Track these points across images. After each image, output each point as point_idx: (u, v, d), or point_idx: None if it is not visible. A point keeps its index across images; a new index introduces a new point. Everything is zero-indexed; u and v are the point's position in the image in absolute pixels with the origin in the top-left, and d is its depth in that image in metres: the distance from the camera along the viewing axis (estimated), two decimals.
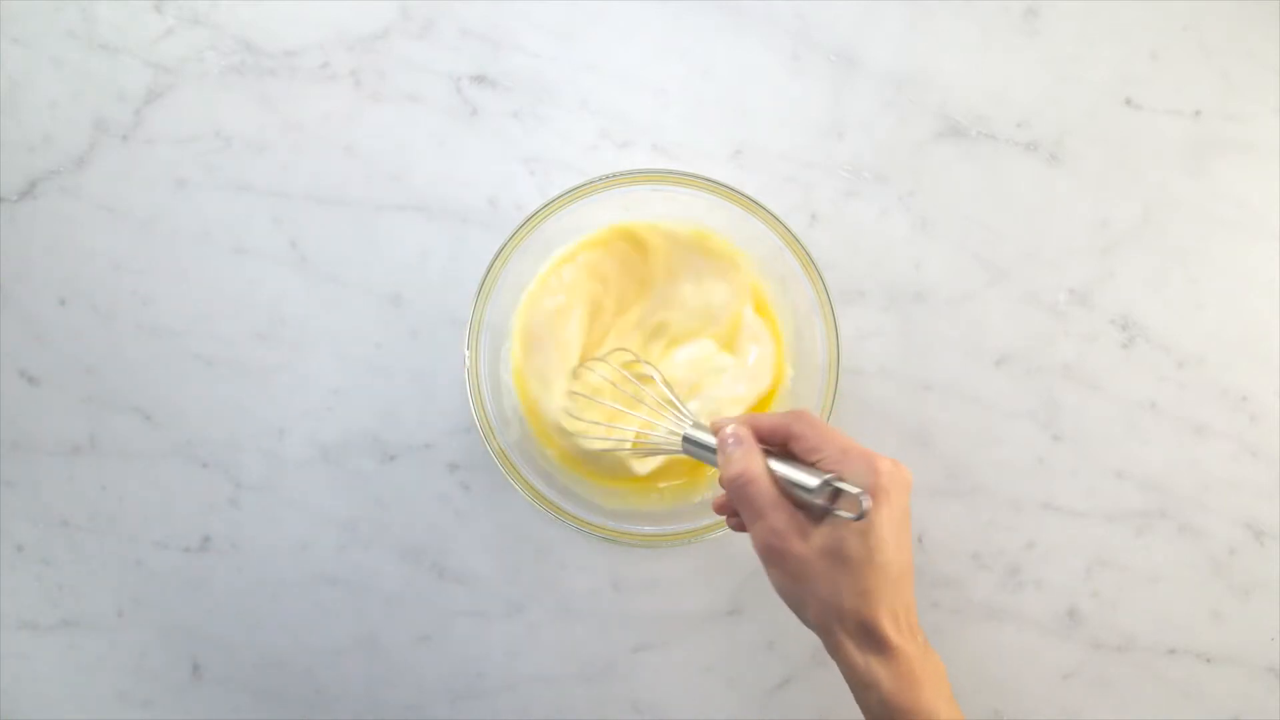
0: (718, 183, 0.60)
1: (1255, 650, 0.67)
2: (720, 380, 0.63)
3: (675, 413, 0.56)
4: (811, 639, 0.66)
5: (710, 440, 0.52)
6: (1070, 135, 0.67)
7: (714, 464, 0.52)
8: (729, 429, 0.51)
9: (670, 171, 0.61)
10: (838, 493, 0.47)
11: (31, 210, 0.66)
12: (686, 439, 0.54)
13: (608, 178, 0.60)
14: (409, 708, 0.67)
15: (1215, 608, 0.67)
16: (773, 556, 0.48)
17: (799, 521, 0.48)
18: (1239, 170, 0.67)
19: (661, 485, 0.64)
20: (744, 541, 0.66)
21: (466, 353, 0.60)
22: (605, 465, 0.62)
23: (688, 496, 0.64)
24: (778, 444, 0.51)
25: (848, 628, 0.47)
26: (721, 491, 0.53)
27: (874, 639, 0.47)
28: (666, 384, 0.58)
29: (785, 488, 0.48)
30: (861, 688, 0.48)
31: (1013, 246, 0.67)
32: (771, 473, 0.49)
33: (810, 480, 0.47)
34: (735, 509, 0.51)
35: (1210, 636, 0.67)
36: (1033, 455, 0.67)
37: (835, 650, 0.48)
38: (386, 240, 0.67)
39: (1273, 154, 0.67)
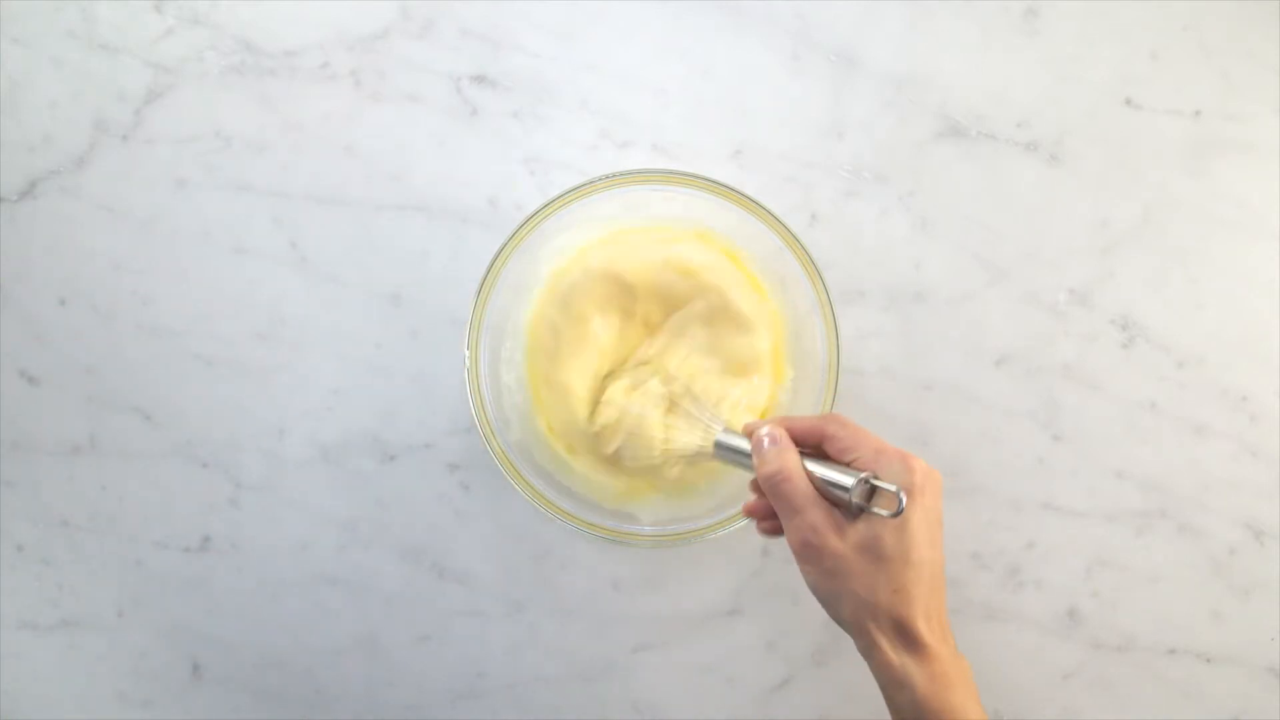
0: (718, 183, 0.60)
1: (1255, 650, 0.67)
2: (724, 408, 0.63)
3: (706, 418, 0.56)
4: (812, 639, 0.67)
5: (743, 444, 0.53)
6: (1070, 135, 0.67)
7: (747, 468, 0.53)
8: (764, 429, 0.52)
9: (670, 171, 0.61)
10: (873, 492, 0.48)
11: (31, 210, 0.66)
12: (719, 444, 0.54)
13: (608, 178, 0.60)
14: (409, 708, 0.67)
15: (1215, 608, 0.67)
16: (809, 553, 0.49)
17: (835, 518, 0.49)
18: (1239, 170, 0.67)
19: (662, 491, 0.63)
20: (744, 542, 0.67)
21: (466, 353, 0.60)
22: (612, 470, 0.62)
23: (689, 495, 0.64)
24: (811, 445, 0.52)
25: (883, 626, 0.48)
26: (751, 497, 0.54)
27: (909, 638, 0.48)
28: (691, 392, 0.58)
29: (820, 487, 0.49)
30: (895, 687, 0.48)
31: (1013, 246, 0.67)
32: (807, 471, 0.50)
33: (846, 479, 0.48)
34: (765, 513, 0.52)
35: (1210, 636, 0.67)
36: (1033, 455, 0.67)
37: (869, 649, 0.49)
38: (386, 240, 0.67)
39: (1273, 154, 0.67)
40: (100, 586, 0.67)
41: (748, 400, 0.62)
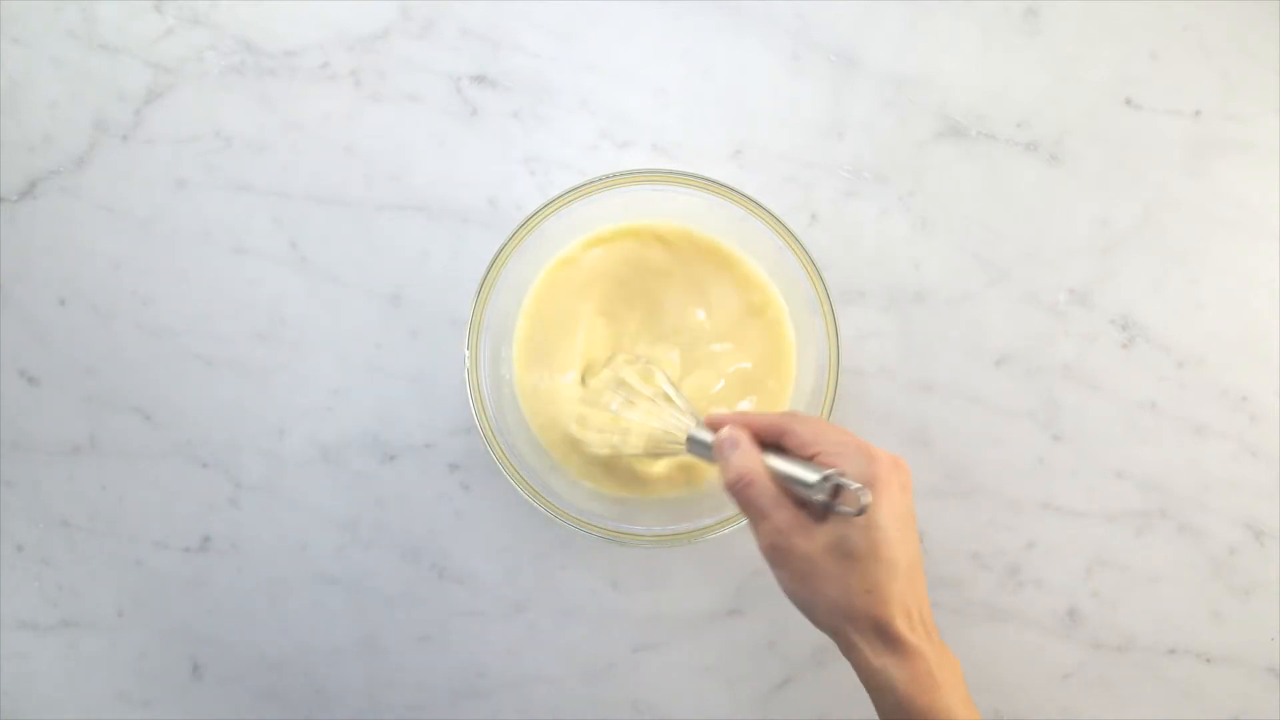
0: (718, 183, 0.60)
1: (1255, 650, 0.67)
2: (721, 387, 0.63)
3: (678, 414, 0.55)
4: (812, 639, 0.67)
5: (712, 440, 0.52)
6: (1070, 135, 0.67)
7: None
8: (724, 432, 0.50)
9: (670, 171, 0.61)
10: (838, 489, 0.46)
11: (31, 210, 0.66)
12: (690, 439, 0.54)
13: (608, 178, 0.60)
14: (409, 708, 0.67)
15: (1215, 608, 0.67)
16: (778, 557, 0.47)
17: (803, 520, 0.47)
18: (1239, 170, 0.67)
19: (666, 495, 0.64)
20: (744, 541, 0.67)
21: (466, 353, 0.60)
22: (612, 472, 0.62)
23: (689, 498, 0.64)
24: (772, 441, 0.50)
25: (860, 628, 0.46)
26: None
27: (888, 639, 0.46)
28: (672, 384, 0.58)
29: (786, 486, 0.48)
30: (876, 690, 0.47)
31: (1013, 246, 0.67)
32: (771, 471, 0.48)
33: (810, 475, 0.46)
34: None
35: (1210, 636, 0.67)
36: (1033, 455, 0.67)
37: (849, 652, 0.47)
38: (386, 240, 0.67)
39: (1273, 154, 0.67)
40: (100, 586, 0.67)
41: (742, 401, 0.63)
